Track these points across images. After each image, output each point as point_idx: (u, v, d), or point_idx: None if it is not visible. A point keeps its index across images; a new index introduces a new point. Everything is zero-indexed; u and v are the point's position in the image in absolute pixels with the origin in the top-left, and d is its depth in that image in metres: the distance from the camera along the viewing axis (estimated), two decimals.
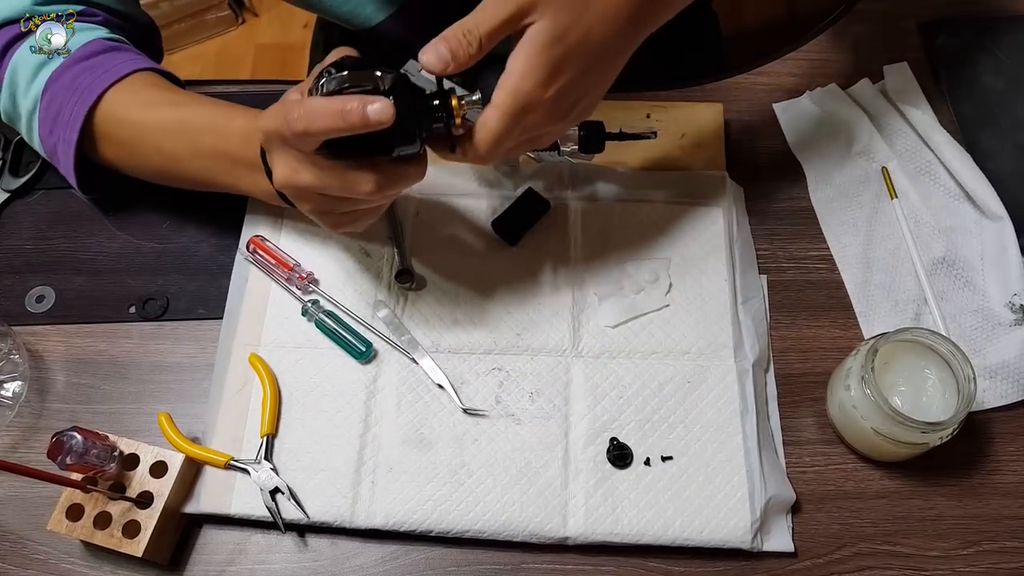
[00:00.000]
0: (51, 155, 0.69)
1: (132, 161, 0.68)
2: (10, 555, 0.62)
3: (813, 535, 0.62)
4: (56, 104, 0.65)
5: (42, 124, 0.67)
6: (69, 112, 0.65)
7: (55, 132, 0.66)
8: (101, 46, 0.67)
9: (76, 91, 0.65)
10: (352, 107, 0.47)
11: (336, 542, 0.62)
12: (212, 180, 0.66)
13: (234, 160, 0.62)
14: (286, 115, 0.50)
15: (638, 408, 0.64)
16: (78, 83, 0.65)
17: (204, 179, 0.67)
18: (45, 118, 0.66)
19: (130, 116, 0.65)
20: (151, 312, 0.71)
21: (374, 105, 0.47)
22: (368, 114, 0.47)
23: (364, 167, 0.52)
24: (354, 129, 0.48)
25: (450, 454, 0.63)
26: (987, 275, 0.70)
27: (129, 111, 0.65)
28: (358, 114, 0.47)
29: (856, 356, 0.61)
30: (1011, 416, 0.65)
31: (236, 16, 1.98)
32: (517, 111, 0.51)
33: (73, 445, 0.56)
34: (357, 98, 0.48)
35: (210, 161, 0.64)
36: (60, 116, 0.65)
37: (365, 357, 0.66)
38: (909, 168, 0.75)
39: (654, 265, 0.70)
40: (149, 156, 0.67)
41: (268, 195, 0.62)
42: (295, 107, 0.49)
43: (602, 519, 0.60)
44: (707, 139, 0.76)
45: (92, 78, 0.65)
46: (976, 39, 0.83)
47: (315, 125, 0.48)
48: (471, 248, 0.71)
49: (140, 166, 0.69)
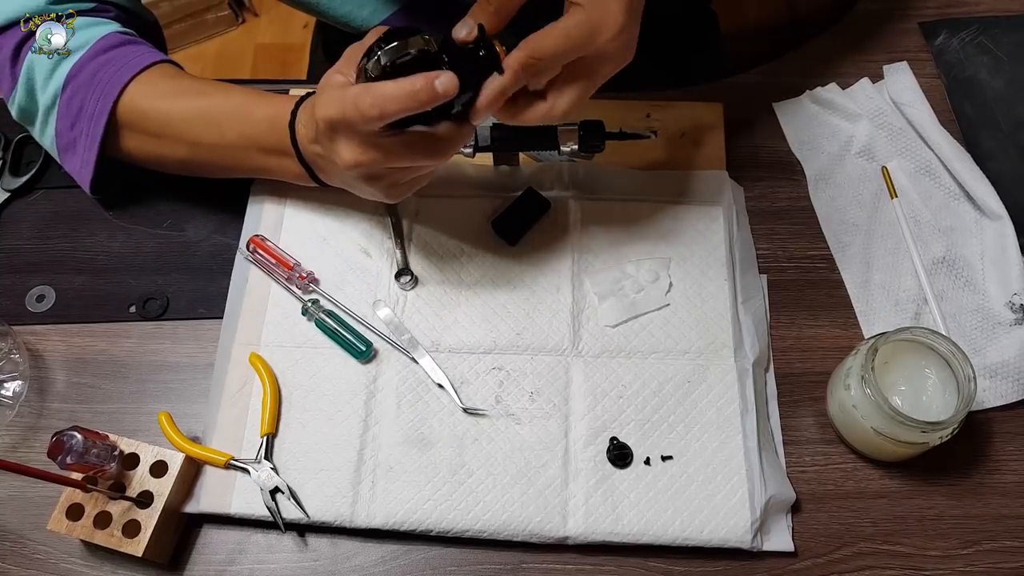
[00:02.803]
0: (67, 149, 0.69)
1: (158, 151, 0.69)
2: (10, 555, 0.62)
3: (813, 535, 0.62)
4: (78, 99, 0.66)
5: (61, 119, 0.67)
6: (93, 106, 0.66)
7: (77, 126, 0.67)
8: (118, 39, 0.68)
9: (98, 84, 0.65)
10: (420, 86, 0.49)
11: (336, 542, 0.62)
12: (240, 166, 0.68)
13: (261, 146, 0.64)
14: (355, 103, 0.51)
15: (638, 408, 0.64)
16: (99, 76, 0.66)
17: (232, 166, 0.68)
18: (66, 113, 0.67)
19: (155, 107, 0.66)
20: (151, 312, 0.71)
21: (440, 79, 0.49)
22: (436, 88, 0.49)
23: (427, 135, 0.54)
24: (425, 106, 0.50)
25: (450, 454, 0.63)
26: (987, 275, 0.70)
27: (153, 102, 0.66)
28: (428, 91, 0.49)
29: (856, 356, 0.61)
30: (1011, 416, 0.65)
31: (236, 16, 1.98)
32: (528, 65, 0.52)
33: (73, 445, 0.56)
34: (422, 77, 0.50)
35: (237, 149, 0.65)
36: (83, 111, 0.66)
37: (365, 357, 0.66)
38: (909, 168, 0.75)
39: (654, 265, 0.70)
40: (175, 146, 0.67)
41: (298, 177, 0.64)
42: (364, 95, 0.51)
43: (602, 519, 0.60)
44: (707, 139, 0.76)
45: (113, 70, 0.66)
46: (976, 39, 0.83)
47: (389, 109, 0.50)
48: (471, 248, 0.71)
49: (165, 157, 0.69)
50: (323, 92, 0.56)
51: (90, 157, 0.68)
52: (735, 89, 0.81)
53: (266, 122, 0.63)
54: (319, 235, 0.72)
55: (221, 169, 0.69)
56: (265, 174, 0.68)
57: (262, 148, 0.64)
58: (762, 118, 0.80)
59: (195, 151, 0.67)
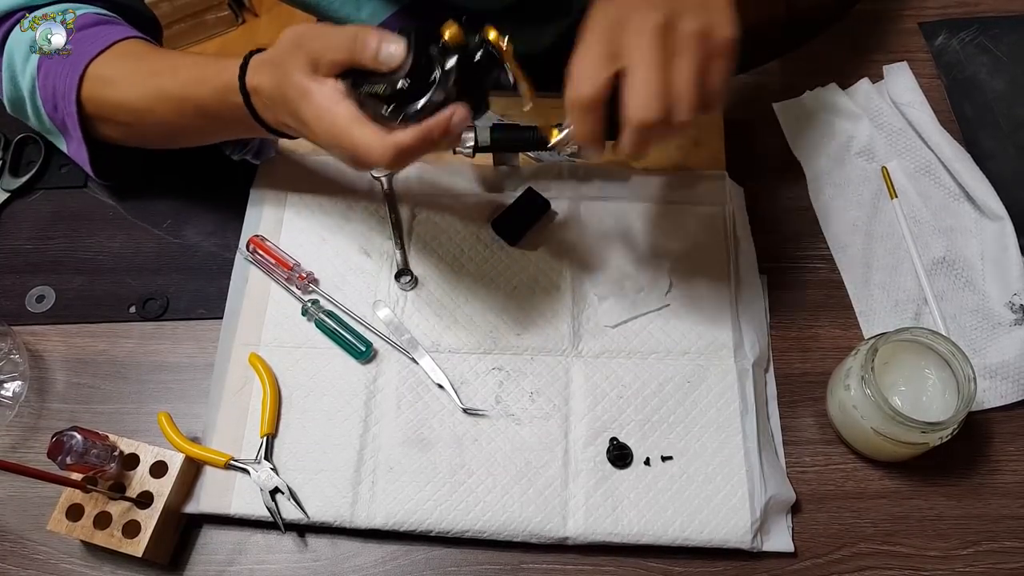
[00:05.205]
0: (63, 131, 0.69)
1: (139, 134, 0.69)
2: (10, 555, 0.62)
3: (813, 535, 0.62)
4: (51, 79, 0.66)
5: (45, 102, 0.67)
6: (63, 86, 0.65)
7: (59, 107, 0.66)
8: (92, 19, 0.67)
9: (65, 64, 0.65)
10: (439, 132, 0.51)
11: (336, 542, 0.62)
12: (215, 135, 0.68)
13: (222, 120, 0.63)
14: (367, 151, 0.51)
15: (638, 408, 0.64)
16: (65, 57, 0.65)
17: (207, 137, 0.68)
18: (46, 96, 0.67)
19: (116, 95, 0.65)
20: (151, 312, 0.71)
21: (455, 117, 0.51)
22: (453, 128, 0.51)
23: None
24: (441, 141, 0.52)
25: (450, 454, 0.63)
26: (987, 275, 0.70)
27: (114, 90, 0.65)
28: (443, 131, 0.51)
29: (856, 356, 0.61)
30: (1011, 416, 0.65)
31: (236, 16, 1.98)
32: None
33: (73, 445, 0.56)
34: (436, 124, 0.51)
35: (200, 121, 0.64)
36: (57, 91, 0.66)
37: (365, 357, 0.66)
38: (909, 168, 0.75)
39: (654, 265, 0.70)
40: (145, 130, 0.67)
41: (266, 134, 0.62)
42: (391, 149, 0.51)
43: (602, 519, 0.60)
44: (707, 139, 0.76)
45: (78, 51, 0.65)
46: (976, 39, 0.83)
47: (405, 161, 0.52)
48: (471, 248, 0.71)
49: (143, 138, 0.69)
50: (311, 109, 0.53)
51: (79, 136, 0.67)
52: (735, 89, 0.81)
53: (213, 94, 0.61)
54: (319, 235, 0.72)
55: (201, 141, 0.69)
56: (241, 136, 0.70)
57: (221, 118, 0.63)
58: (762, 118, 0.80)
59: (168, 131, 0.67)
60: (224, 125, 0.64)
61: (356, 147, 0.51)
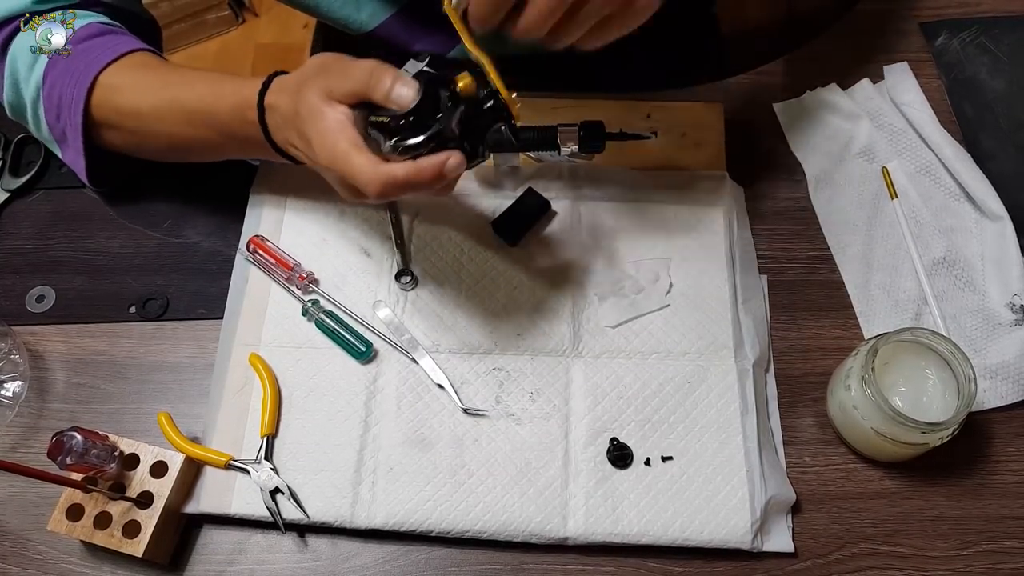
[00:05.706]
0: (61, 141, 0.69)
1: (141, 144, 0.69)
2: (10, 555, 0.62)
3: (813, 535, 0.62)
4: (57, 89, 0.66)
5: (48, 111, 0.67)
6: (70, 95, 0.66)
7: (62, 117, 0.67)
8: (97, 29, 0.67)
9: (74, 73, 0.65)
10: (430, 173, 0.52)
11: (336, 542, 0.62)
12: (221, 154, 0.68)
13: (233, 136, 0.63)
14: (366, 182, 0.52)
15: (638, 408, 0.64)
16: (75, 65, 0.65)
17: (212, 155, 0.69)
18: (50, 105, 0.67)
19: (127, 102, 0.66)
20: (151, 312, 0.71)
21: (450, 162, 0.52)
22: (447, 172, 0.52)
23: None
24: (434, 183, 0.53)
25: (450, 454, 0.63)
26: (987, 275, 0.70)
27: (125, 96, 0.66)
28: (436, 173, 0.52)
29: (856, 356, 0.61)
30: (1011, 416, 0.65)
31: (236, 16, 1.98)
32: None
33: (73, 445, 0.56)
34: (429, 164, 0.52)
35: (211, 140, 0.65)
36: (63, 100, 0.66)
37: (365, 357, 0.66)
38: (909, 168, 0.75)
39: (654, 265, 0.70)
40: (155, 140, 0.67)
41: (276, 158, 0.63)
42: (382, 177, 0.52)
43: (602, 519, 0.60)
44: (707, 139, 0.76)
45: (89, 58, 0.65)
46: (976, 39, 0.83)
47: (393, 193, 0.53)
48: (471, 248, 0.71)
49: (149, 149, 0.70)
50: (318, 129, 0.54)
51: (79, 146, 0.67)
52: (735, 89, 0.81)
53: (230, 112, 0.62)
54: (319, 235, 0.72)
55: (204, 157, 0.70)
56: (247, 157, 0.70)
57: (235, 137, 0.63)
58: (762, 118, 0.80)
59: (174, 142, 0.67)
60: (231, 140, 0.64)
61: (350, 171, 0.52)
